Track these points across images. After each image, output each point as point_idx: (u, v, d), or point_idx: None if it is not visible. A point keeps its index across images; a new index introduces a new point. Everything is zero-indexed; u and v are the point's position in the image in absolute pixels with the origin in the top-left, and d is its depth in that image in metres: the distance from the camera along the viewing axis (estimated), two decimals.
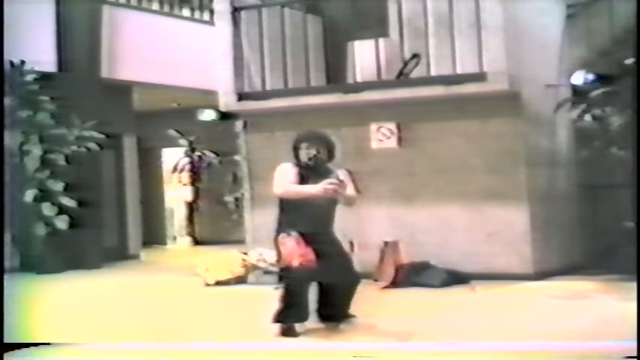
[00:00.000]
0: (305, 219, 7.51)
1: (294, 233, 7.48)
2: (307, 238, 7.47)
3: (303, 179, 7.57)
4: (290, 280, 7.50)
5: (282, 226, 7.63)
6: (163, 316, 9.04)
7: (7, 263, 12.08)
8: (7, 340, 6.59)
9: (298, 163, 7.70)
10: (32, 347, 6.79)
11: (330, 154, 7.77)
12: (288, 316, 7.52)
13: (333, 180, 7.33)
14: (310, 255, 7.43)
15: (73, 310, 9.53)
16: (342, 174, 7.69)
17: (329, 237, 7.78)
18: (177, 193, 19.74)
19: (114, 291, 11.42)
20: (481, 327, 7.75)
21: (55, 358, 6.84)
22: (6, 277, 8.44)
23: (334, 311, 7.79)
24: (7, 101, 12.71)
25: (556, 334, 7.27)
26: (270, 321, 7.51)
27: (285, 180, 7.56)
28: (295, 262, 7.40)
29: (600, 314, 8.30)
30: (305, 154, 7.69)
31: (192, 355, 7.06)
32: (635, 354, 5.81)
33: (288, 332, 7.47)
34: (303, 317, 7.58)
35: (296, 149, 7.77)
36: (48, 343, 6.97)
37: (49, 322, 8.23)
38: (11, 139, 12.95)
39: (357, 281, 7.87)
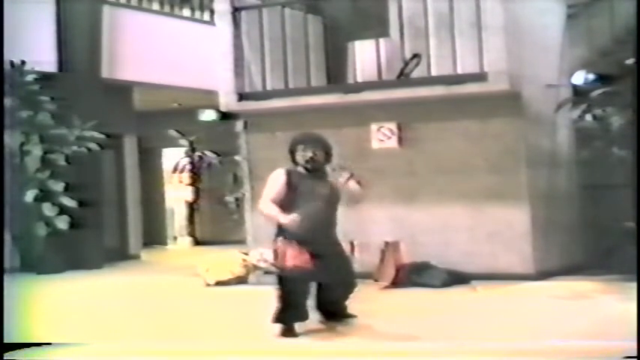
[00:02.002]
0: (309, 226, 7.46)
1: (289, 236, 7.49)
2: (305, 241, 7.46)
3: (291, 188, 7.57)
4: (286, 281, 7.51)
5: (280, 229, 7.63)
6: (164, 317, 9.04)
7: (7, 263, 12.09)
8: (7, 340, 6.59)
9: (290, 170, 7.68)
10: (32, 347, 6.79)
11: (327, 157, 7.77)
12: (287, 317, 7.52)
13: (295, 217, 7.32)
14: (304, 257, 7.45)
15: (73, 311, 9.52)
16: (341, 176, 7.72)
17: (329, 239, 7.77)
18: (177, 194, 19.74)
19: (114, 291, 11.41)
20: (482, 327, 7.75)
21: (55, 358, 6.84)
22: (6, 277, 8.46)
23: (332, 308, 7.84)
24: (8, 101, 12.72)
25: (557, 334, 7.26)
26: (270, 321, 7.50)
27: (269, 194, 7.60)
28: (289, 264, 7.43)
29: (601, 314, 8.29)
30: (301, 156, 7.69)
31: (192, 355, 7.05)
32: (635, 354, 5.80)
33: (287, 333, 7.47)
34: (302, 317, 7.59)
35: (292, 152, 7.78)
36: (48, 343, 6.97)
37: (49, 322, 8.24)
38: (12, 140, 12.95)
39: (353, 284, 7.89)
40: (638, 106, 10.00)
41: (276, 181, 7.64)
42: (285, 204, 7.57)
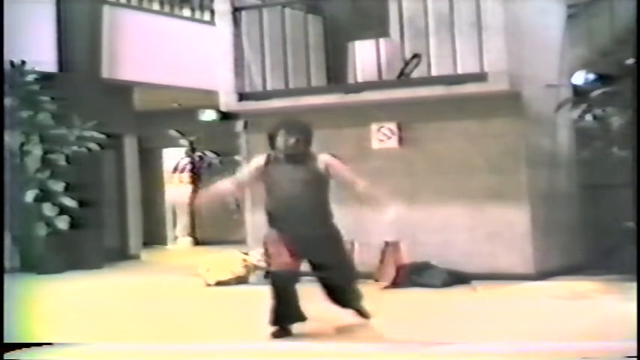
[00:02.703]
0: (290, 217, 7.37)
1: (272, 234, 7.46)
2: (293, 236, 7.35)
3: (265, 174, 7.50)
4: (273, 281, 7.45)
5: (269, 223, 7.55)
6: (164, 317, 9.04)
7: (7, 263, 12.08)
8: (7, 340, 6.59)
9: (270, 156, 7.55)
10: (32, 347, 6.79)
11: (307, 143, 7.57)
12: (281, 318, 7.43)
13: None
14: (284, 257, 7.35)
15: (73, 311, 9.52)
16: (326, 159, 7.57)
17: (314, 225, 7.47)
18: (177, 194, 19.74)
19: (114, 291, 11.42)
20: (482, 327, 7.74)
21: (55, 358, 6.83)
22: (6, 277, 8.44)
23: (339, 298, 7.68)
24: (8, 101, 12.72)
25: (557, 334, 7.26)
26: (267, 323, 7.46)
27: (238, 174, 7.74)
28: (272, 264, 7.41)
29: (601, 314, 8.29)
30: (282, 142, 7.48)
31: (192, 356, 7.05)
32: (635, 354, 5.80)
33: (280, 334, 7.39)
34: (297, 318, 7.46)
35: (272, 136, 7.59)
36: (48, 343, 6.96)
37: (49, 322, 8.24)
38: (12, 140, 12.95)
39: (352, 278, 7.76)
40: (638, 106, 9.99)
41: (250, 164, 7.68)
42: (262, 190, 7.57)
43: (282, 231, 7.41)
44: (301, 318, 7.49)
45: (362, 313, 7.76)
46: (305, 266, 7.71)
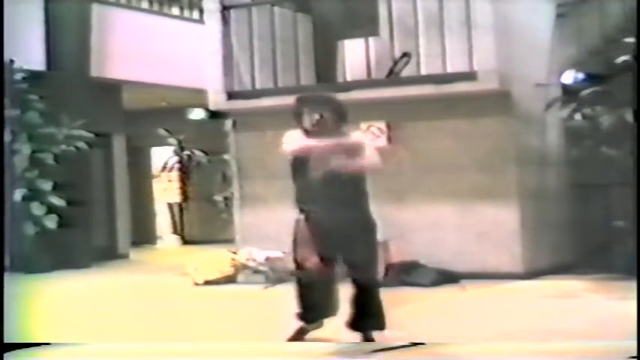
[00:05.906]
0: (322, 200, 6.70)
1: (303, 229, 6.83)
2: (324, 222, 6.73)
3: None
4: (301, 280, 7.03)
5: (298, 209, 6.88)
6: (153, 316, 9.02)
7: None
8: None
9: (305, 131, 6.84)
10: (32, 347, 6.75)
11: (337, 118, 6.89)
12: (309, 315, 7.09)
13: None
14: (314, 259, 6.80)
15: (61, 310, 9.49)
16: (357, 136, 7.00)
17: (358, 216, 6.91)
18: (166, 192, 19.69)
19: (103, 290, 11.38)
20: (471, 327, 7.74)
21: (47, 358, 6.80)
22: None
23: (365, 317, 7.00)
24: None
25: (546, 333, 7.26)
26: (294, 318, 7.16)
27: (296, 143, 6.76)
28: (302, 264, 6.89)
29: (591, 313, 8.30)
30: (308, 120, 6.84)
31: (182, 355, 7.02)
32: (635, 354, 5.79)
33: (299, 336, 7.11)
34: (325, 313, 7.10)
35: (299, 115, 6.92)
36: (47, 343, 6.93)
37: (37, 322, 8.20)
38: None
39: (377, 284, 7.06)
40: (638, 106, 10.00)
41: (296, 137, 6.84)
42: (298, 171, 6.86)
43: (313, 217, 6.79)
44: (321, 314, 7.10)
45: (369, 339, 7.05)
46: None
